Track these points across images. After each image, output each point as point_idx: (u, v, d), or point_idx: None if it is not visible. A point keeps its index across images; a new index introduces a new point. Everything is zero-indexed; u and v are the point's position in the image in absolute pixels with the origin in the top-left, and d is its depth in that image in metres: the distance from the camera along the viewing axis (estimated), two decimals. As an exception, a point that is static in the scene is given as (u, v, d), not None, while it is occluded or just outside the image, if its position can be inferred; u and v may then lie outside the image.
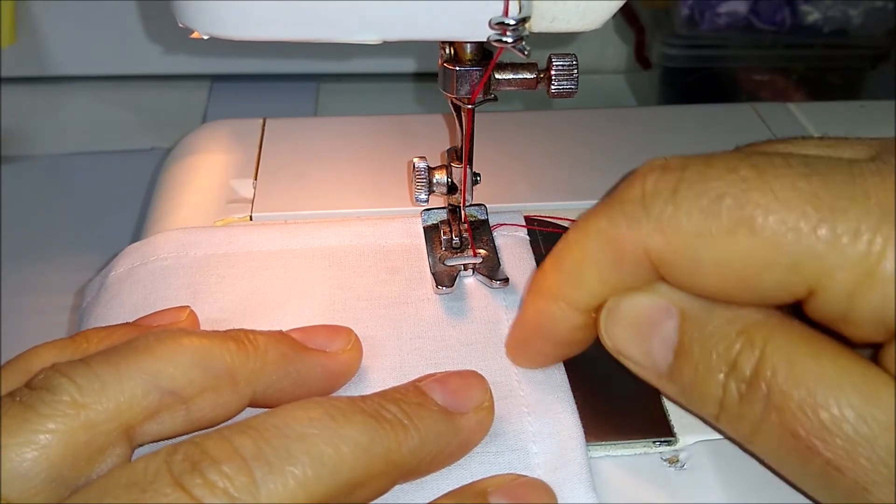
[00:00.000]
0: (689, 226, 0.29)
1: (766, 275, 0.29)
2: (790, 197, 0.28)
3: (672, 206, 0.30)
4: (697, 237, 0.29)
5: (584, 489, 0.33)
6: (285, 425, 0.29)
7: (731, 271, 0.29)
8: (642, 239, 0.30)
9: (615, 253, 0.31)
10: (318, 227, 0.45)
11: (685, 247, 0.30)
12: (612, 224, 0.31)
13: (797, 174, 0.29)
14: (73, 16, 0.73)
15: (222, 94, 0.77)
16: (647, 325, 0.32)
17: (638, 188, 0.31)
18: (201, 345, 0.32)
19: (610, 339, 0.34)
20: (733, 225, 0.29)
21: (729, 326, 0.30)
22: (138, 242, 0.45)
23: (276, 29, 0.35)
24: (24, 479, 0.28)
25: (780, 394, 0.29)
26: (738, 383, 0.30)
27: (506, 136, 0.55)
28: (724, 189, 0.29)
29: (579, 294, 0.33)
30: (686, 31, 0.71)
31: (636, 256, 0.31)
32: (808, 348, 0.29)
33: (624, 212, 0.31)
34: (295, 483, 0.27)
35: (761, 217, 0.28)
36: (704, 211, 0.29)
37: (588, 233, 0.32)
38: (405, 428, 0.31)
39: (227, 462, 0.27)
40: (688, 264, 0.30)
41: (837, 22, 0.71)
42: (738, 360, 0.30)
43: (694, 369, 0.31)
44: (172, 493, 0.26)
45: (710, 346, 0.31)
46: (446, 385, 0.34)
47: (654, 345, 0.32)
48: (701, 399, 0.31)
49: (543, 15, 0.35)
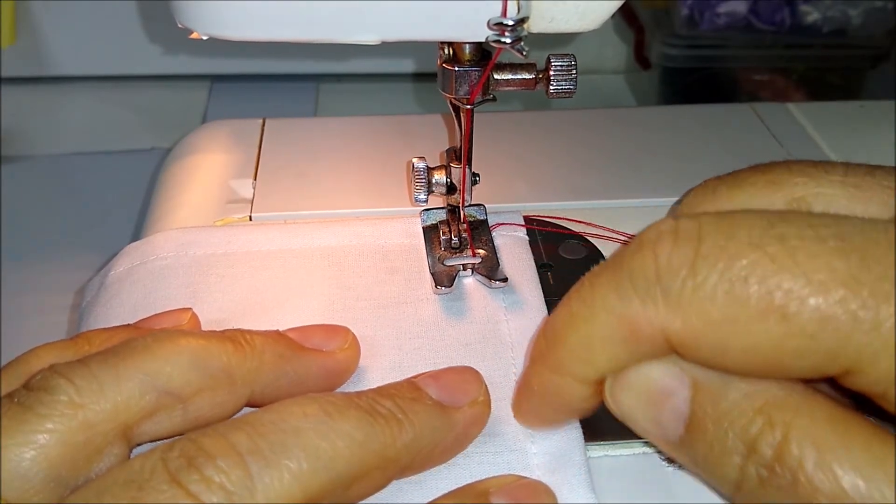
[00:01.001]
0: (714, 311, 0.27)
1: (801, 362, 0.27)
2: (825, 281, 0.25)
3: (691, 287, 0.27)
4: (724, 324, 0.27)
5: (583, 489, 0.33)
6: (281, 420, 0.29)
7: (760, 358, 0.27)
8: (660, 321, 0.28)
9: (628, 332, 0.29)
10: (318, 227, 0.45)
11: (709, 333, 0.27)
12: (624, 302, 0.28)
13: (831, 251, 0.26)
14: (73, 16, 0.73)
15: (222, 95, 0.77)
16: (658, 395, 0.30)
17: (650, 261, 0.28)
18: (198, 345, 0.32)
19: (617, 407, 0.31)
20: (763, 312, 0.26)
21: (746, 403, 0.28)
22: (138, 242, 0.45)
23: (275, 29, 0.35)
24: (23, 479, 0.28)
25: (808, 484, 0.26)
26: (758, 467, 0.27)
27: (505, 136, 0.55)
28: (750, 270, 0.26)
29: (587, 371, 0.31)
30: (685, 31, 0.71)
31: (652, 337, 0.28)
32: (837, 431, 0.27)
33: (636, 289, 0.28)
34: (290, 477, 0.27)
35: (795, 305, 0.26)
36: (730, 295, 0.26)
37: (596, 309, 0.29)
38: (400, 422, 0.31)
39: (222, 457, 0.27)
40: (712, 349, 0.27)
41: (837, 22, 0.71)
42: (757, 442, 0.27)
43: (708, 447, 0.29)
44: (169, 489, 0.26)
45: (726, 423, 0.28)
46: (441, 380, 0.34)
47: (665, 416, 0.30)
48: (716, 478, 0.29)
49: (542, 15, 0.35)
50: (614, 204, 0.49)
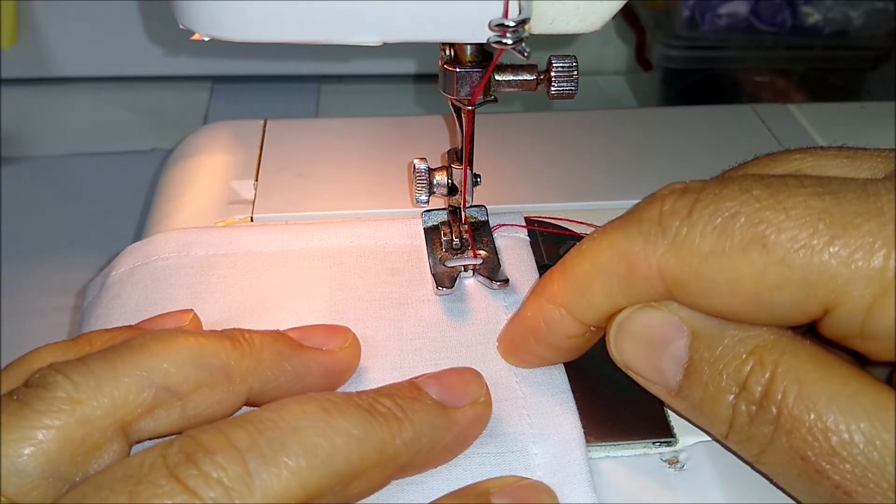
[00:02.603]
0: (704, 245, 0.29)
1: (780, 293, 0.29)
2: (802, 215, 0.28)
3: (687, 225, 0.30)
4: (711, 256, 0.29)
5: (584, 490, 0.33)
6: (279, 418, 0.29)
7: (744, 290, 0.29)
8: (657, 257, 0.30)
9: (627, 268, 0.31)
10: (319, 227, 0.45)
11: (699, 266, 0.30)
12: (628, 239, 0.31)
13: (810, 193, 0.29)
14: (74, 17, 0.73)
15: (223, 96, 0.77)
16: (658, 341, 0.32)
17: (656, 208, 0.31)
18: (196, 342, 0.32)
19: (619, 354, 0.34)
20: (746, 243, 0.29)
21: (739, 346, 0.30)
22: (139, 242, 0.45)
23: (276, 30, 0.35)
24: (22, 475, 0.28)
25: (789, 417, 0.28)
26: (747, 404, 0.30)
27: (506, 137, 0.55)
28: (738, 208, 0.29)
29: (582, 304, 0.33)
30: (686, 33, 0.71)
31: (648, 274, 0.31)
32: (819, 371, 0.29)
33: (641, 229, 0.31)
34: (289, 474, 0.28)
35: (773, 235, 0.28)
36: (718, 230, 0.29)
37: (602, 245, 0.32)
38: (399, 421, 0.31)
39: (221, 453, 0.27)
40: (701, 284, 0.30)
41: (838, 23, 0.71)
42: (748, 380, 0.30)
43: (704, 388, 0.31)
44: (167, 484, 0.26)
45: (720, 365, 0.30)
46: (442, 380, 0.34)
47: (664, 362, 0.32)
48: (710, 418, 0.31)
49: (543, 16, 0.35)
50: (615, 205, 0.49)
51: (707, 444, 0.36)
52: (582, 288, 0.33)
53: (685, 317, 0.32)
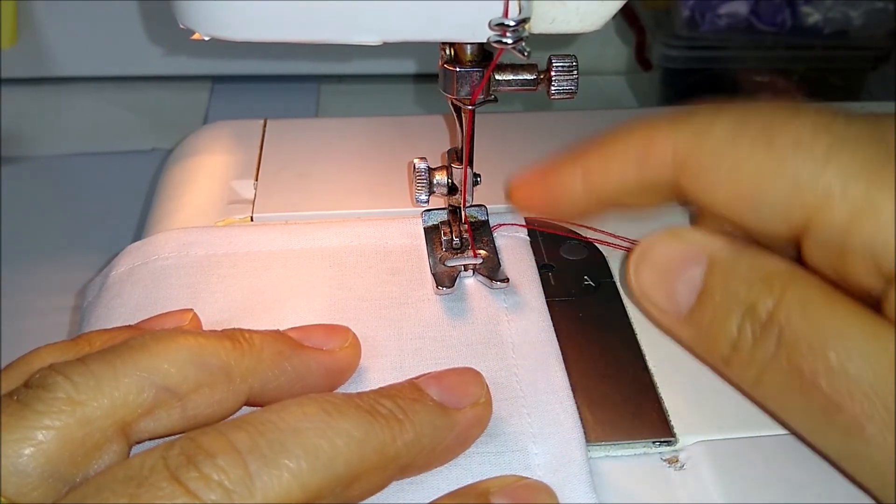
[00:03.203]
0: (720, 132, 0.32)
1: (773, 189, 0.31)
2: (811, 125, 0.31)
3: (712, 116, 0.33)
4: (723, 144, 0.32)
5: (584, 489, 0.33)
6: (280, 420, 0.29)
7: (742, 182, 0.32)
8: (675, 139, 0.33)
9: (646, 147, 0.34)
10: (319, 227, 0.45)
11: (710, 151, 0.33)
12: (654, 126, 0.34)
13: (821, 113, 0.31)
14: (74, 17, 0.73)
15: (223, 95, 0.77)
16: (675, 269, 0.34)
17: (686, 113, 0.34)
18: (196, 343, 0.32)
19: (637, 282, 0.36)
20: (756, 137, 0.31)
21: (752, 272, 0.32)
22: (139, 242, 0.45)
23: (277, 30, 0.35)
24: (22, 475, 0.28)
25: (791, 334, 0.30)
26: (753, 325, 0.32)
27: (506, 137, 0.55)
28: (759, 112, 0.32)
29: (597, 171, 0.36)
30: (687, 32, 0.71)
31: (663, 155, 0.34)
32: (823, 296, 0.31)
33: (671, 119, 0.34)
34: (289, 476, 0.28)
35: (781, 135, 0.31)
36: (736, 122, 0.32)
37: (634, 128, 0.35)
38: (400, 422, 0.31)
39: (221, 455, 0.27)
40: (706, 171, 0.33)
41: (838, 23, 0.71)
42: (756, 302, 0.32)
43: (713, 311, 0.33)
44: (168, 486, 0.26)
45: (733, 289, 0.32)
46: (442, 381, 0.34)
47: (679, 288, 0.34)
48: (715, 340, 0.33)
49: (543, 16, 0.35)
50: (615, 205, 0.49)
51: (707, 444, 0.36)
52: (603, 157, 0.36)
53: (706, 245, 0.34)
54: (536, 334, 0.39)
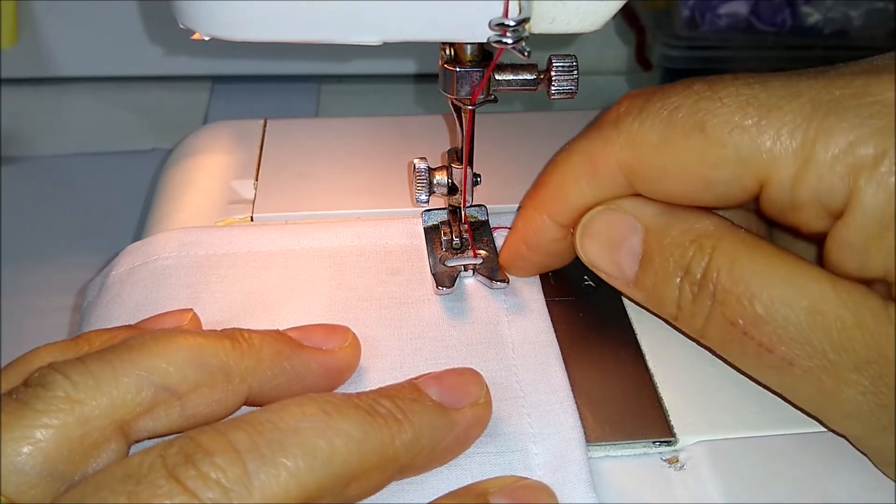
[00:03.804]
0: (653, 136, 0.34)
1: (719, 171, 0.33)
2: (734, 101, 0.32)
3: (638, 121, 0.34)
4: (660, 145, 0.34)
5: (584, 489, 0.33)
6: (279, 419, 0.29)
7: (689, 172, 0.33)
8: (615, 153, 0.35)
9: (592, 167, 0.36)
10: (319, 227, 0.45)
11: (650, 155, 0.34)
12: (590, 142, 0.36)
13: (741, 83, 0.33)
14: (74, 17, 0.73)
15: (223, 95, 0.77)
16: (616, 239, 0.37)
17: (613, 112, 0.36)
18: (195, 342, 0.32)
19: (584, 253, 0.38)
20: (688, 130, 0.33)
21: (684, 236, 0.35)
22: (139, 242, 0.45)
23: (277, 30, 0.35)
24: (20, 474, 0.28)
25: (722, 290, 0.33)
26: (690, 285, 0.34)
27: (506, 137, 0.55)
28: (680, 101, 0.33)
29: (559, 206, 0.38)
30: (687, 32, 0.71)
31: (609, 169, 0.35)
32: (747, 250, 0.33)
33: (601, 132, 0.35)
34: (287, 475, 0.28)
35: (710, 120, 0.32)
36: (664, 121, 0.34)
37: (571, 153, 0.37)
38: (399, 422, 0.31)
39: (220, 454, 0.27)
40: (654, 172, 0.34)
41: (838, 23, 0.71)
42: (690, 265, 0.34)
43: (655, 275, 0.36)
44: (166, 484, 0.26)
45: (668, 254, 0.35)
46: (442, 381, 0.34)
47: (622, 257, 0.37)
48: (662, 302, 0.36)
49: (543, 16, 0.35)
50: (615, 205, 0.49)
51: (707, 444, 0.36)
52: (557, 191, 0.37)
53: (639, 215, 0.36)
54: (536, 335, 0.39)
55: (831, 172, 0.31)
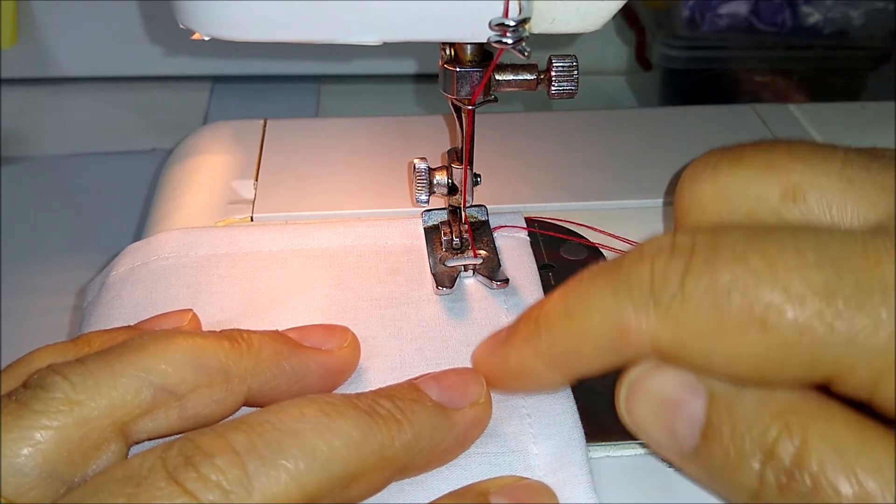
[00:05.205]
0: (699, 322, 0.28)
1: (782, 371, 0.28)
2: (802, 293, 0.26)
3: (680, 299, 0.28)
4: (707, 335, 0.28)
5: (584, 490, 0.33)
6: (278, 420, 0.29)
7: (743, 368, 0.28)
8: (650, 329, 0.29)
9: (618, 336, 0.29)
10: (319, 227, 0.45)
11: (695, 343, 0.28)
12: (618, 306, 0.29)
13: (809, 264, 0.27)
14: (74, 17, 0.73)
15: (223, 96, 0.77)
16: (673, 403, 0.30)
17: (646, 271, 0.29)
18: (194, 343, 0.32)
19: (630, 418, 0.32)
20: (744, 324, 0.27)
21: (763, 408, 0.28)
22: (139, 242, 0.45)
23: (277, 30, 0.35)
24: (20, 475, 0.28)
25: (831, 489, 0.27)
26: (776, 473, 0.28)
27: (506, 137, 0.55)
28: (733, 284, 0.27)
29: (573, 366, 0.32)
30: (687, 33, 0.71)
31: (641, 345, 0.29)
32: (855, 436, 0.27)
33: (632, 296, 0.29)
34: (287, 476, 0.28)
35: (773, 317, 0.27)
36: (714, 307, 0.27)
37: (592, 308, 0.30)
38: (399, 423, 0.31)
39: (219, 456, 0.27)
40: (698, 360, 0.29)
41: (838, 23, 0.71)
42: (775, 446, 0.28)
43: (724, 454, 0.29)
44: (166, 486, 0.26)
45: (743, 429, 0.28)
46: (441, 381, 0.34)
47: (679, 424, 0.30)
48: (732, 486, 0.29)
49: (543, 16, 0.35)
50: (616, 205, 0.49)
51: (707, 445, 0.35)
52: (573, 353, 0.31)
53: (701, 378, 0.30)
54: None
55: None
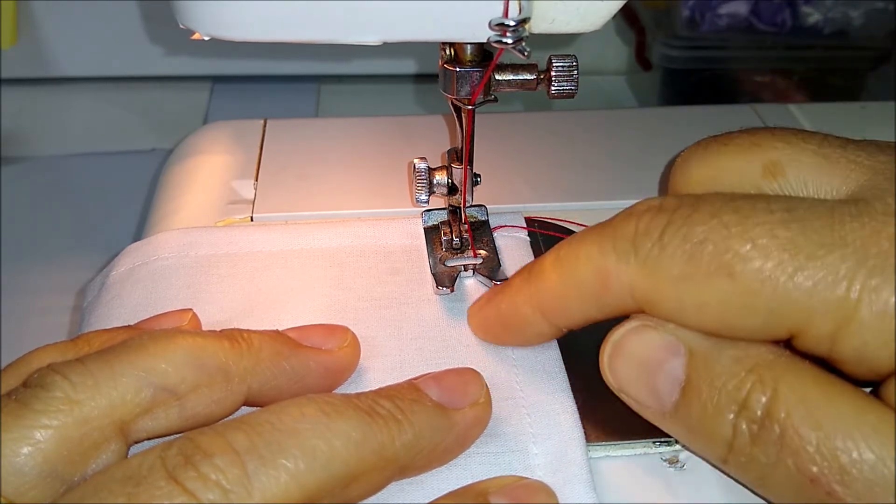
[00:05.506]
0: (673, 268, 0.30)
1: (746, 319, 0.29)
2: (768, 245, 0.29)
3: (658, 247, 0.30)
4: (680, 280, 0.30)
5: (584, 490, 0.33)
6: (278, 420, 0.29)
7: (711, 315, 0.30)
8: (629, 276, 0.31)
9: (601, 283, 0.32)
10: (319, 227, 0.45)
11: (668, 289, 0.30)
12: (603, 255, 0.32)
13: (777, 221, 0.29)
14: (74, 17, 0.73)
15: (223, 96, 0.77)
16: (654, 361, 0.32)
17: (631, 226, 0.31)
18: (194, 342, 0.32)
19: (613, 377, 0.34)
20: (713, 271, 0.29)
21: (738, 365, 0.30)
22: (139, 242, 0.45)
23: (277, 30, 0.35)
24: (19, 475, 0.28)
25: (796, 436, 0.28)
26: (749, 423, 0.29)
27: (506, 137, 0.55)
28: (707, 234, 0.29)
29: (557, 312, 0.34)
30: (687, 33, 0.71)
31: (622, 292, 0.31)
32: (821, 389, 0.29)
33: (615, 246, 0.31)
34: (287, 476, 0.28)
35: (739, 265, 0.29)
36: (687, 255, 0.30)
37: (579, 257, 0.33)
38: (399, 423, 0.31)
39: (219, 455, 0.27)
40: (670, 306, 0.31)
41: (838, 23, 0.71)
42: (748, 398, 0.29)
43: (702, 408, 0.31)
44: (166, 486, 0.26)
45: (719, 383, 0.30)
46: (441, 381, 0.34)
47: (660, 382, 0.32)
48: (709, 439, 0.31)
49: (543, 16, 0.35)
50: (616, 205, 0.48)
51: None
52: (558, 297, 0.34)
53: (682, 336, 0.31)
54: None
55: (876, 338, 0.27)
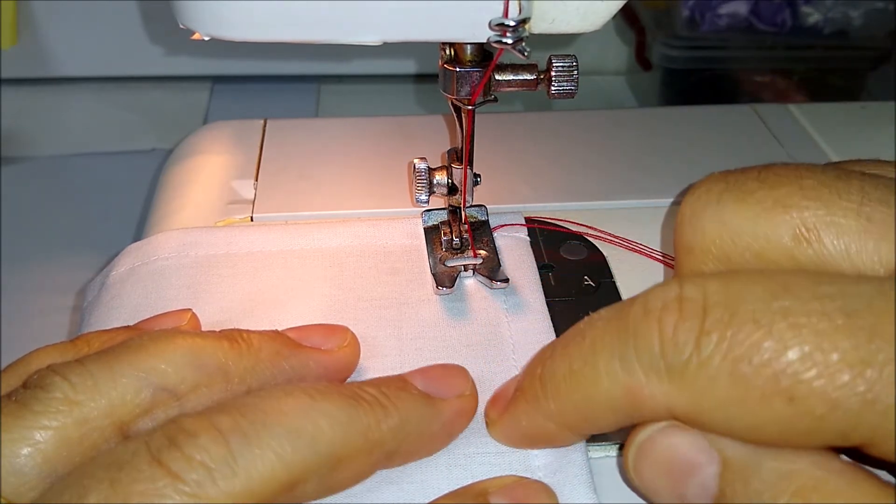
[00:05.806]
0: (717, 391, 0.26)
1: (809, 440, 0.26)
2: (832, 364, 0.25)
3: (696, 365, 0.26)
4: (728, 404, 0.26)
5: (584, 490, 0.33)
6: (263, 402, 0.29)
7: (768, 436, 0.26)
8: (664, 396, 0.27)
9: (630, 404, 0.28)
10: (319, 227, 0.45)
11: (714, 411, 0.26)
12: (628, 373, 0.28)
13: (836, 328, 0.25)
14: (74, 17, 0.73)
15: (223, 96, 0.77)
16: (684, 468, 0.28)
17: (654, 331, 0.27)
18: (194, 343, 0.32)
19: (638, 479, 0.30)
20: (769, 394, 0.25)
21: (781, 483, 0.26)
22: (139, 242, 0.45)
23: (277, 30, 0.35)
24: (19, 475, 0.28)
25: None
26: None
27: (506, 137, 0.55)
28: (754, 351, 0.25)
29: (585, 429, 0.31)
30: (687, 32, 0.71)
31: (656, 409, 0.28)
32: None
33: (640, 360, 0.27)
34: (273, 455, 0.28)
35: (801, 389, 0.25)
36: (734, 375, 0.26)
37: (599, 373, 0.28)
38: (384, 407, 0.31)
39: (203, 435, 0.27)
40: (718, 426, 0.27)
41: (838, 23, 0.71)
42: None
43: None
44: (148, 469, 0.27)
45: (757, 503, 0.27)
46: (427, 373, 0.34)
47: (690, 491, 0.28)
48: None
49: (543, 16, 0.35)
50: (616, 205, 0.49)
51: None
52: (585, 418, 0.30)
53: (715, 441, 0.28)
54: (536, 335, 0.39)
55: None
